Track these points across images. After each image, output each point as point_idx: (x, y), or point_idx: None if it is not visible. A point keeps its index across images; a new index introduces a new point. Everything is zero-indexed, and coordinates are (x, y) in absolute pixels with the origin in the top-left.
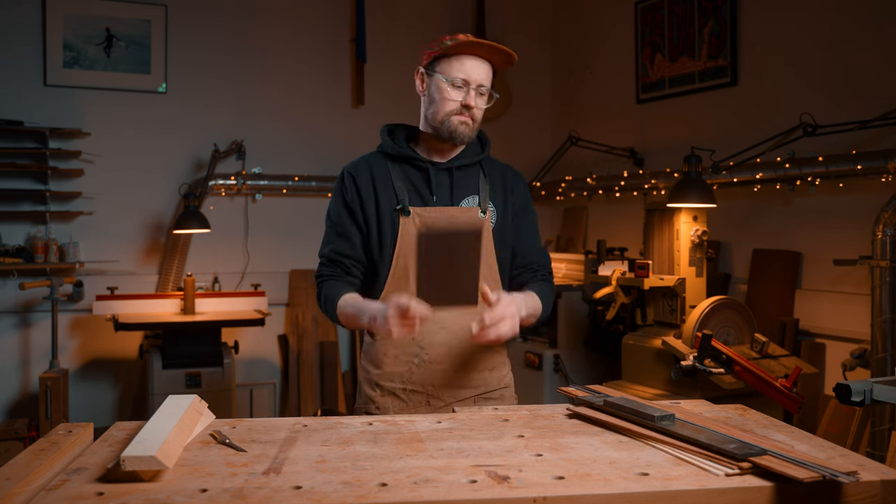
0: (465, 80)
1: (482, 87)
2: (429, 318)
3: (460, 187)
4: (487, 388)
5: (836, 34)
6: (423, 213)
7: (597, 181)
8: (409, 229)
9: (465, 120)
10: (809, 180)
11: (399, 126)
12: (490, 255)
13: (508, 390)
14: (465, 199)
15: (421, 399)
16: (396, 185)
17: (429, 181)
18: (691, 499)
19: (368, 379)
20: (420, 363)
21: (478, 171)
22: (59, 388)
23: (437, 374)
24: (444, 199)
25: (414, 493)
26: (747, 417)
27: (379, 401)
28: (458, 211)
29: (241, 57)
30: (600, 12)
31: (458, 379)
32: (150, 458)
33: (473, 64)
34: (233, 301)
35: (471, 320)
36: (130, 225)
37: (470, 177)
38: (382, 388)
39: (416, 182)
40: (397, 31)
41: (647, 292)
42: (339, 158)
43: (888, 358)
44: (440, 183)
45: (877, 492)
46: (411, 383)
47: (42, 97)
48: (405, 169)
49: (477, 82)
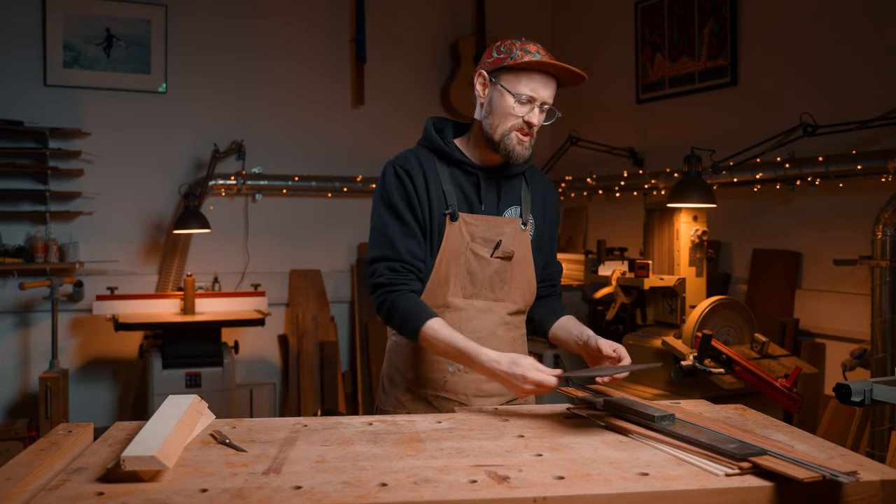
0: (531, 98)
1: (546, 104)
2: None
3: (506, 196)
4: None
5: (835, 34)
6: (469, 221)
7: (597, 181)
8: (454, 235)
9: (523, 139)
10: (809, 180)
11: (444, 121)
12: (529, 267)
13: (532, 396)
14: (508, 209)
15: (452, 406)
16: (446, 189)
17: (478, 187)
18: (691, 499)
19: (399, 382)
20: (455, 371)
21: (521, 180)
22: (59, 388)
23: (470, 384)
24: (490, 207)
25: (414, 493)
26: (747, 417)
27: (409, 406)
28: (502, 221)
29: (241, 57)
30: (600, 12)
31: (490, 388)
32: (150, 458)
33: (543, 81)
34: (233, 301)
35: (506, 331)
36: (130, 225)
37: (514, 186)
38: (414, 394)
39: (465, 187)
40: (397, 31)
41: (647, 292)
42: (339, 158)
43: (888, 358)
44: (488, 190)
45: (877, 492)
46: (444, 391)
47: (42, 97)
48: (454, 171)
49: (543, 100)
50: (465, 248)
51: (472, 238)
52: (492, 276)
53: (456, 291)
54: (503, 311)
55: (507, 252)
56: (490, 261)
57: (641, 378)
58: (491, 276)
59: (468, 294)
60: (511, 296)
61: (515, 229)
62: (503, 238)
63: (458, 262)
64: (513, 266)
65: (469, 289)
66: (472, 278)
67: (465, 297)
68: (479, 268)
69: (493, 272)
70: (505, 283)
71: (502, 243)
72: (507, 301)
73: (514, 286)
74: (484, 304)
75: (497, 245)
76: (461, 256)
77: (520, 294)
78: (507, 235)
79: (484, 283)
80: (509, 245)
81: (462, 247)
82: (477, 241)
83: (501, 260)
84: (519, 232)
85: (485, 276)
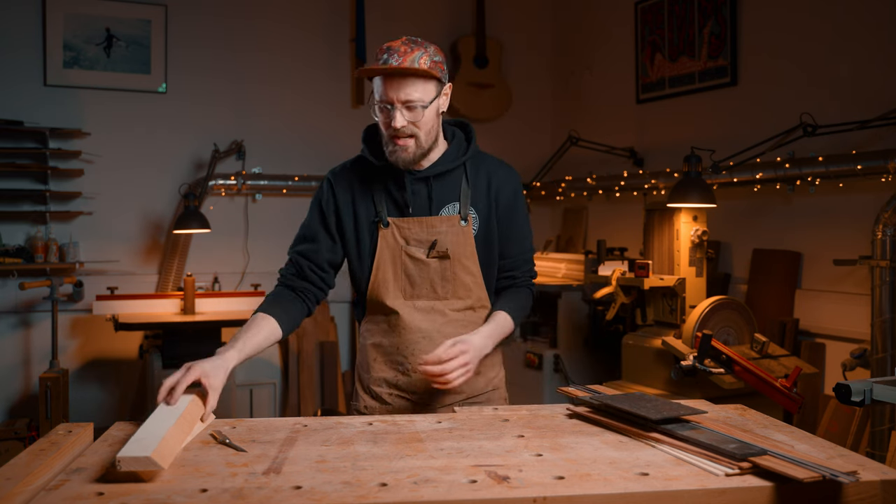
0: (384, 101)
1: (410, 102)
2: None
3: (439, 196)
4: (474, 392)
5: (835, 34)
6: (401, 224)
7: (597, 181)
8: (388, 240)
9: (400, 146)
10: (809, 180)
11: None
12: (472, 262)
13: (497, 392)
14: (445, 207)
15: (407, 405)
16: (375, 196)
17: (405, 191)
18: (691, 499)
19: (360, 380)
20: (405, 371)
21: (460, 174)
22: (59, 388)
23: (419, 383)
24: (421, 209)
25: (414, 493)
26: (747, 417)
27: (368, 402)
28: (437, 220)
29: (241, 57)
30: (600, 12)
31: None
32: (145, 459)
33: (389, 82)
34: (233, 301)
35: (454, 329)
36: (130, 225)
37: (450, 183)
38: (371, 392)
39: (394, 192)
40: (397, 31)
41: (647, 292)
42: (339, 158)
43: (888, 358)
44: (416, 192)
45: (877, 492)
46: (398, 389)
47: (42, 97)
48: (384, 178)
49: (397, 100)
50: (400, 252)
51: (406, 241)
52: (431, 276)
53: (396, 294)
54: (448, 309)
55: (441, 251)
56: (427, 261)
57: (641, 378)
58: (430, 277)
59: (409, 296)
60: (455, 292)
61: (453, 226)
62: (439, 237)
63: (396, 265)
64: (453, 263)
65: (409, 290)
66: (411, 280)
67: (405, 298)
68: (416, 270)
69: (433, 272)
70: (447, 282)
71: (437, 243)
72: (452, 298)
73: (457, 283)
74: (426, 304)
75: (432, 245)
76: (397, 260)
77: (464, 289)
78: (444, 234)
79: (424, 283)
80: (446, 243)
81: (397, 251)
82: (412, 243)
83: (439, 259)
84: (458, 228)
85: (423, 277)
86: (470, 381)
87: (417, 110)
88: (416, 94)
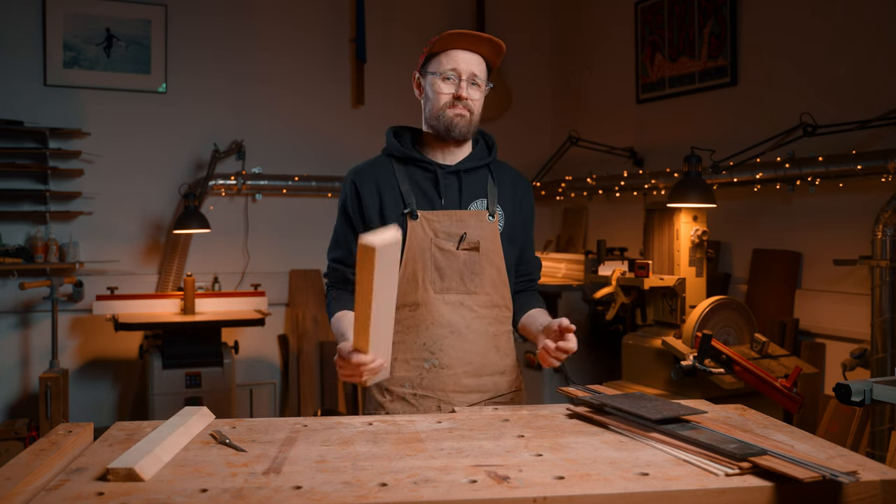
0: (454, 71)
1: (475, 76)
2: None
3: (469, 190)
4: (498, 392)
5: (835, 34)
6: (431, 217)
7: (597, 181)
8: (418, 233)
9: (460, 112)
10: (809, 180)
11: (405, 128)
12: (498, 258)
13: (519, 394)
14: (473, 203)
15: (432, 404)
16: (403, 189)
17: (437, 183)
18: (691, 499)
19: (377, 384)
20: (431, 368)
21: (486, 173)
22: (59, 388)
23: (447, 379)
24: (452, 202)
25: (414, 493)
26: (747, 417)
27: (388, 406)
28: (466, 214)
29: (241, 57)
30: (600, 12)
31: (469, 383)
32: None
33: (462, 55)
34: (233, 301)
35: (482, 325)
36: (130, 225)
37: (478, 180)
38: (392, 393)
39: (424, 185)
40: (397, 31)
41: (647, 292)
42: (339, 158)
43: (888, 358)
44: (448, 185)
45: (877, 492)
46: (422, 388)
47: (42, 97)
48: (412, 172)
49: (468, 73)
50: (430, 244)
51: (435, 234)
52: (461, 268)
53: (426, 288)
54: (476, 305)
55: (472, 243)
56: (457, 253)
57: (641, 378)
58: (460, 269)
59: (438, 289)
60: (483, 287)
61: (481, 221)
62: (468, 230)
63: (425, 258)
64: (481, 257)
65: (439, 283)
66: (441, 273)
67: (435, 292)
68: (446, 262)
69: (462, 264)
70: (475, 275)
71: (467, 235)
72: (480, 293)
73: (484, 277)
74: (456, 297)
75: (462, 238)
76: (427, 252)
77: (491, 284)
78: (473, 227)
79: (453, 276)
80: (475, 236)
81: (426, 243)
82: (441, 235)
83: (468, 252)
84: (486, 223)
85: (453, 269)
86: (493, 381)
87: (479, 87)
88: (482, 72)
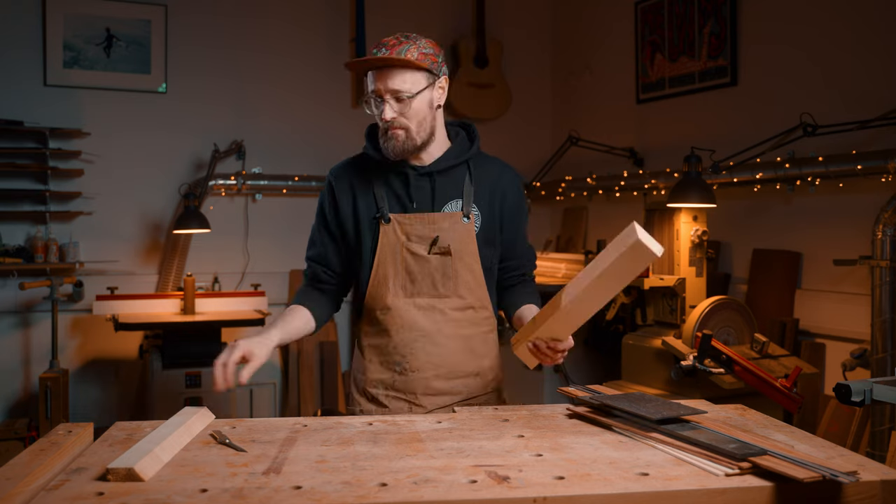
0: (374, 92)
1: (397, 92)
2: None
3: (442, 192)
4: (471, 395)
5: (836, 34)
6: (403, 221)
7: (597, 181)
8: (389, 237)
9: (391, 135)
10: (809, 180)
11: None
12: (474, 260)
13: (495, 395)
14: (447, 204)
15: (403, 406)
16: (377, 192)
17: (408, 186)
18: (691, 499)
19: (356, 383)
20: (401, 371)
21: (463, 172)
22: (59, 388)
23: (417, 383)
24: (424, 204)
25: (414, 493)
26: (747, 417)
27: (364, 405)
28: (439, 217)
29: (241, 56)
30: (600, 12)
31: (440, 386)
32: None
33: (376, 74)
34: (233, 301)
35: (454, 328)
36: (130, 225)
37: (453, 179)
38: (367, 394)
39: (397, 188)
40: (397, 31)
41: (647, 292)
42: (339, 158)
43: (888, 358)
44: (420, 187)
45: (877, 492)
46: (394, 390)
47: (42, 97)
48: (386, 173)
49: (387, 91)
50: (401, 248)
51: (407, 237)
52: (432, 272)
53: (396, 292)
54: (448, 308)
55: (443, 248)
56: (428, 258)
57: (641, 378)
58: (431, 273)
59: (409, 293)
60: (456, 290)
61: (455, 223)
62: (441, 233)
63: (396, 261)
64: (455, 260)
65: (409, 288)
66: (412, 277)
67: (405, 296)
68: (417, 266)
69: (434, 269)
70: (448, 279)
71: (440, 239)
72: (453, 296)
73: (458, 281)
74: (426, 301)
75: (434, 241)
76: (398, 256)
77: (465, 287)
78: (446, 230)
79: (425, 280)
80: (448, 239)
81: (398, 247)
82: (413, 239)
83: (441, 256)
84: (460, 225)
85: (424, 273)
86: (465, 383)
87: (405, 101)
88: (403, 85)
